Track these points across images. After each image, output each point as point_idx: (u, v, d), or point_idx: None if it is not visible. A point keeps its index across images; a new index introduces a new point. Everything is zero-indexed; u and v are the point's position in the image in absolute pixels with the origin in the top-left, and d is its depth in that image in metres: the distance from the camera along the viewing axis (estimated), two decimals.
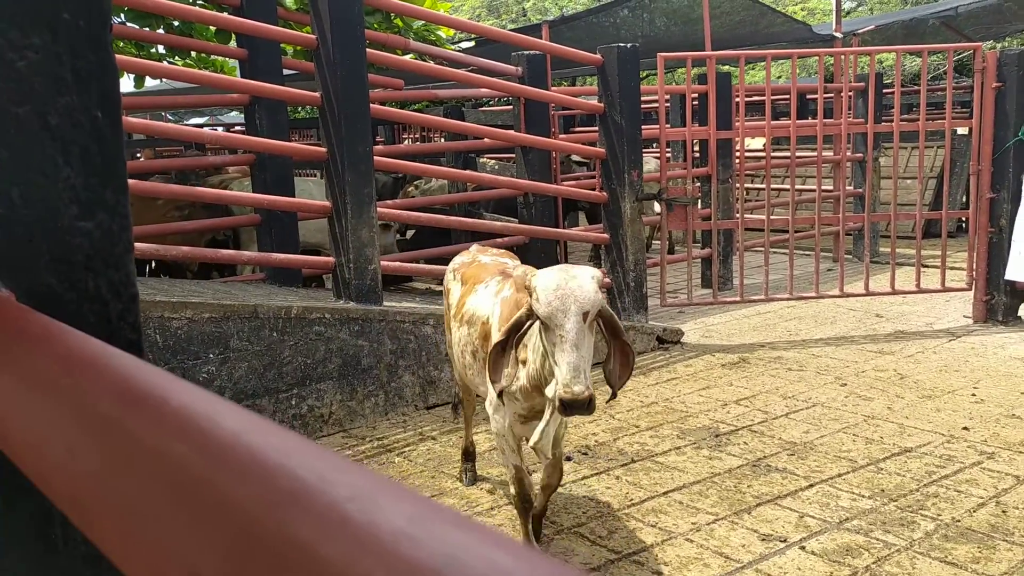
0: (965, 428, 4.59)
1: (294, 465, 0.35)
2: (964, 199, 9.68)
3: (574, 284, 2.58)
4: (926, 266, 7.11)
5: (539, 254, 7.03)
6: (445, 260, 7.52)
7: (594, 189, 7.21)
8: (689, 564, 3.33)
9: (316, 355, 4.91)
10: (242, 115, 8.85)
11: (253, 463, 0.36)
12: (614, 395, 2.84)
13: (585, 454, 4.53)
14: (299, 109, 19.98)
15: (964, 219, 8.27)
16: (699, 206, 7.45)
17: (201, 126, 18.66)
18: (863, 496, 3.84)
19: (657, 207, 7.14)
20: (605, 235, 6.57)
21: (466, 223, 7.07)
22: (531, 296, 2.63)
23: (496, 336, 2.89)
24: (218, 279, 7.16)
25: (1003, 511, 3.64)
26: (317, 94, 5.24)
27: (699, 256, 8.05)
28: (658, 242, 7.16)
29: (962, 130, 9.78)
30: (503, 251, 3.94)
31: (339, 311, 5.03)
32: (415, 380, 5.32)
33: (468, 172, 7.42)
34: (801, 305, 7.43)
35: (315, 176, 9.01)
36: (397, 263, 6.60)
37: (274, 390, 4.75)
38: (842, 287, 7.05)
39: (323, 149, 5.31)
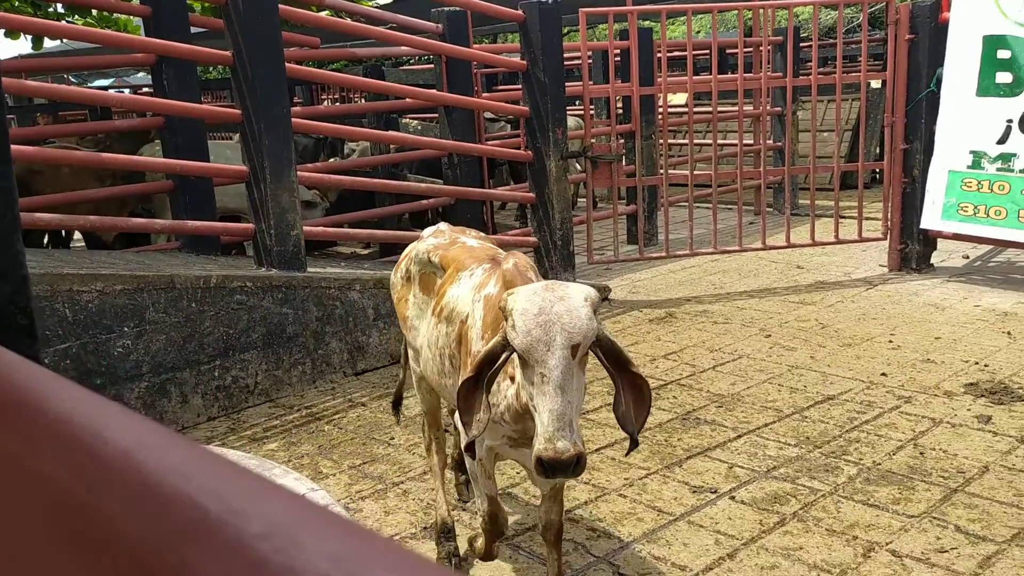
0: (883, 374, 4.73)
1: (195, 491, 0.29)
2: (879, 151, 9.92)
3: (561, 308, 2.00)
4: (844, 217, 7.27)
5: (465, 215, 6.96)
6: (370, 224, 7.42)
7: (519, 148, 7.14)
8: (623, 519, 3.36)
9: (239, 325, 4.77)
10: (149, 76, 8.47)
11: (145, 489, 0.30)
12: (635, 444, 2.19)
13: None
14: (210, 69, 19.28)
15: (879, 170, 8.47)
16: (623, 162, 7.45)
17: (106, 88, 17.84)
18: (789, 444, 3.93)
19: (581, 164, 7.12)
20: (531, 194, 6.53)
21: (390, 185, 6.94)
22: (506, 321, 2.05)
23: (465, 368, 2.35)
24: (134, 249, 6.89)
25: (921, 453, 3.76)
26: (228, 53, 5.02)
27: (624, 212, 8.08)
28: (584, 199, 7.15)
29: (876, 83, 9.99)
30: (481, 235, 3.25)
31: (261, 279, 4.88)
32: (343, 346, 5.22)
33: (390, 133, 7.26)
34: (725, 259, 7.54)
35: (232, 139, 8.71)
36: (321, 228, 6.44)
37: (195, 362, 4.60)
38: (764, 240, 7.17)
39: (237, 111, 5.10)
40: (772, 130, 9.39)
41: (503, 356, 2.13)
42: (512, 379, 2.27)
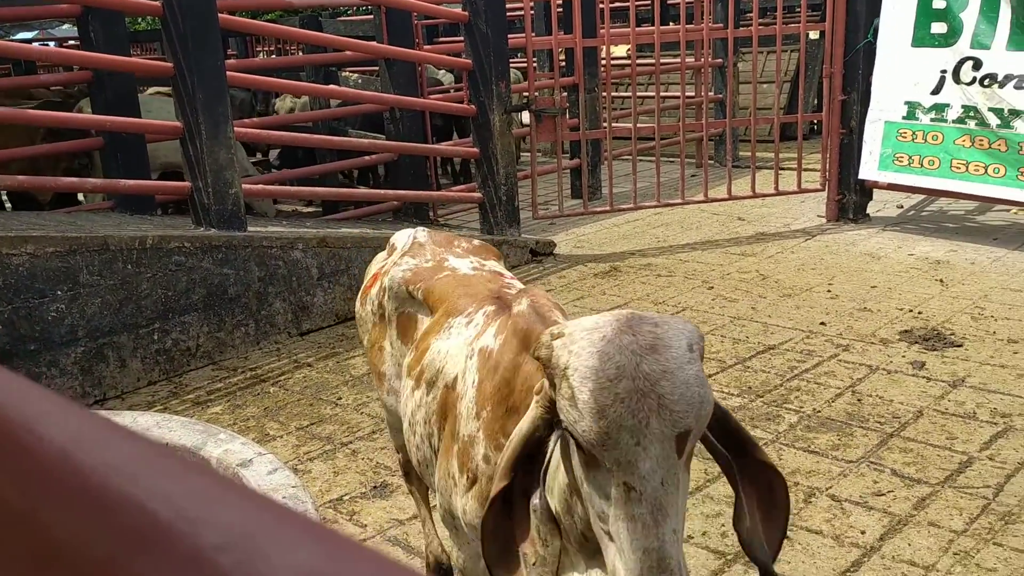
0: (822, 323, 4.84)
1: (143, 494, 0.27)
2: (817, 102, 10.04)
3: (655, 366, 1.20)
4: (783, 169, 7.36)
5: (409, 171, 6.87)
6: (312, 182, 7.29)
7: (461, 102, 7.05)
8: None
9: (178, 287, 4.66)
10: (75, 28, 8.11)
11: (86, 493, 0.28)
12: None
13: None
14: (139, 20, 18.57)
15: (818, 121, 8.58)
16: (567, 116, 7.41)
17: (30, 41, 17.08)
18: (732, 395, 4.00)
19: (526, 118, 7.07)
20: (475, 149, 6.46)
21: (330, 141, 6.80)
22: (555, 384, 1.27)
23: (493, 477, 1.47)
24: (64, 210, 6.65)
25: (858, 400, 3.87)
26: (158, 3, 4.83)
27: (568, 167, 8.07)
28: (527, 154, 7.11)
29: (815, 34, 10.07)
30: (480, 243, 2.44)
31: (200, 239, 4.77)
32: (287, 307, 5.14)
33: (330, 87, 7.09)
34: (668, 212, 7.59)
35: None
36: (261, 186, 6.30)
37: (133, 326, 4.49)
38: (706, 192, 7.23)
39: (169, 64, 4.92)
40: (713, 82, 9.42)
41: (551, 444, 1.34)
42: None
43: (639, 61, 8.21)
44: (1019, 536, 2.80)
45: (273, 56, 11.49)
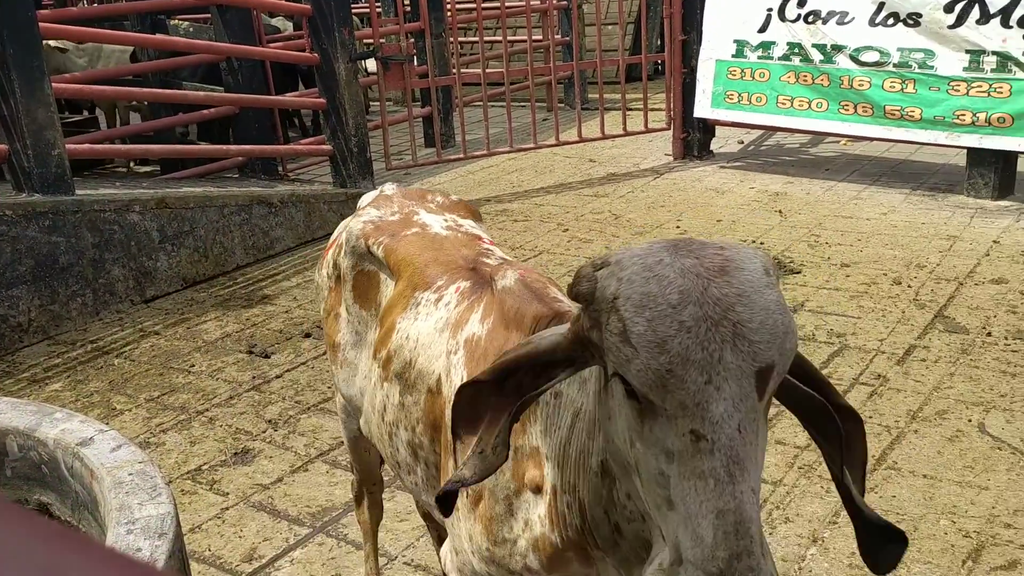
0: None
1: None
2: (660, 42, 10.25)
3: (728, 290, 0.98)
4: (631, 110, 7.50)
5: (252, 125, 6.58)
6: (147, 139, 6.86)
7: (303, 51, 6.78)
8: None
9: (1, 258, 4.31)
10: None
11: None
12: (899, 536, 1.11)
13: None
14: None
15: (662, 62, 8.77)
16: (415, 63, 7.27)
17: None
18: None
19: (372, 66, 6.88)
20: (321, 99, 6.24)
21: (163, 95, 6.41)
22: (601, 321, 1.02)
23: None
24: None
25: None
26: None
27: (420, 115, 7.94)
28: (377, 103, 6.94)
29: None
30: (457, 200, 2.10)
31: (22, 205, 4.41)
32: (127, 273, 4.86)
33: (158, 37, 6.65)
34: (522, 156, 7.62)
35: None
36: (88, 146, 5.88)
37: None
38: (558, 136, 7.29)
39: None
40: (559, 25, 9.45)
41: (561, 374, 1.13)
42: (538, 490, 1.30)
43: (485, 5, 8.11)
44: None
45: (94, 5, 10.67)
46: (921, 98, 5.64)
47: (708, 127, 7.19)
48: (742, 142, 7.69)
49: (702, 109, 6.90)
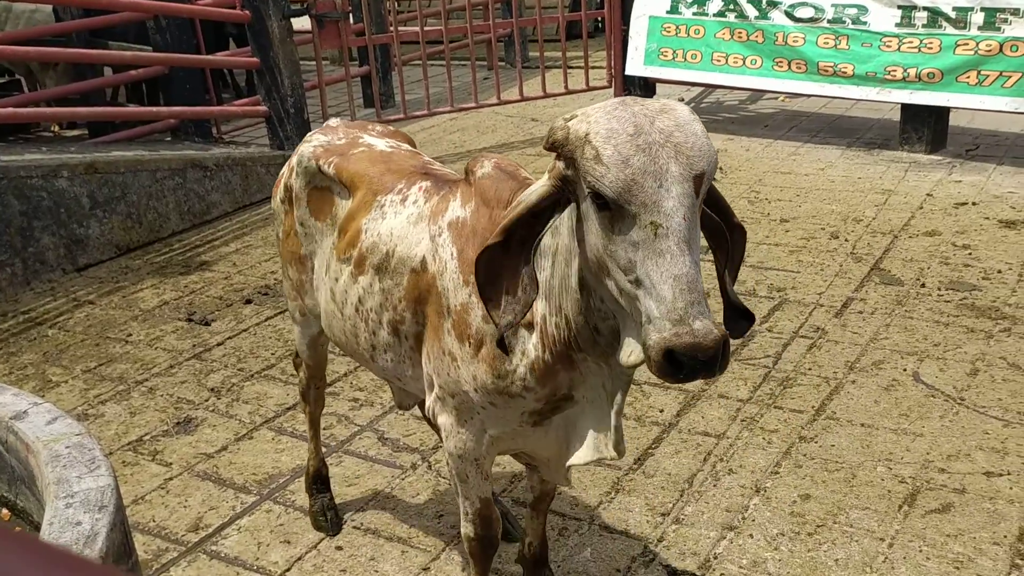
0: None
1: None
2: None
3: (667, 123, 1.34)
4: (572, 68, 7.46)
5: (183, 86, 6.37)
6: (74, 102, 6.59)
7: (233, 8, 6.56)
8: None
9: None
10: None
11: None
12: (750, 316, 1.57)
13: (265, 294, 4.35)
14: None
15: (602, 19, 8.72)
16: (351, 21, 7.10)
17: None
18: None
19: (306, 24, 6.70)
20: (254, 59, 6.07)
21: (89, 55, 6.16)
22: (576, 156, 1.36)
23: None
24: None
25: None
26: None
27: (357, 75, 7.78)
28: (313, 63, 6.77)
29: None
30: (395, 129, 2.41)
31: None
32: (57, 241, 4.70)
33: None
34: (463, 116, 7.54)
35: None
36: (11, 110, 5.64)
37: None
38: (499, 95, 7.22)
39: None
40: None
41: (551, 217, 1.46)
42: (530, 326, 1.63)
43: None
44: (796, 399, 3.08)
45: None
46: (854, 54, 5.71)
47: (649, 85, 7.18)
48: (683, 99, 7.71)
49: (635, 66, 6.87)
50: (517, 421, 1.76)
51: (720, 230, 1.52)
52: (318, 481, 2.66)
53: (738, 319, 1.55)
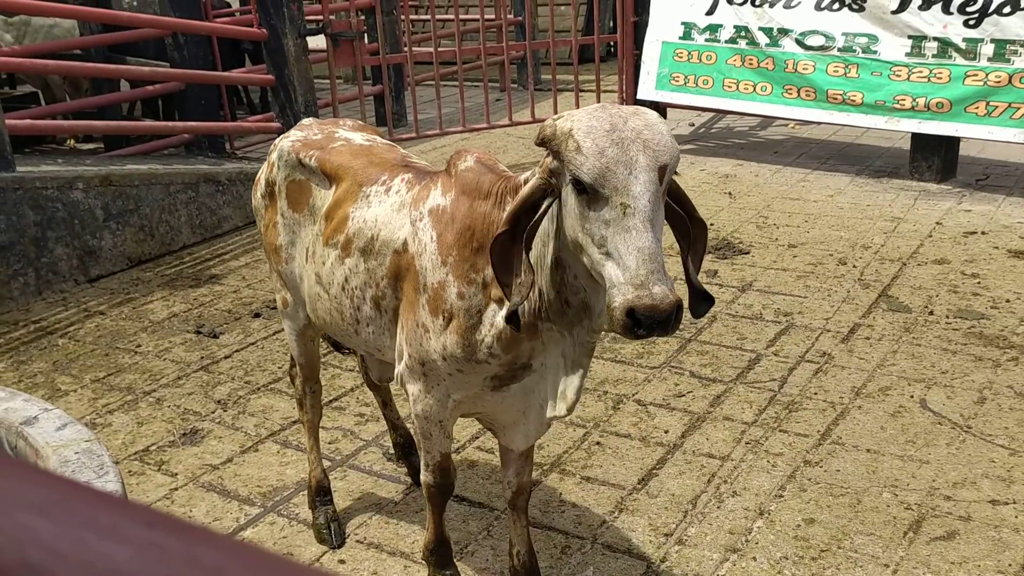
0: None
1: None
2: (613, 24, 10.27)
3: (638, 123, 1.59)
4: (584, 90, 7.51)
5: (199, 101, 6.44)
6: (90, 115, 6.67)
7: (251, 26, 6.65)
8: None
9: None
10: None
11: None
12: (710, 298, 1.80)
13: (274, 308, 4.37)
14: None
15: (614, 43, 8.78)
16: (366, 40, 7.18)
17: None
18: None
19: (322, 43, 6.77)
20: (270, 76, 6.14)
21: (107, 70, 6.24)
22: (561, 148, 1.61)
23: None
24: None
25: None
26: None
27: (371, 93, 7.85)
28: (327, 80, 6.84)
29: None
30: (361, 123, 2.60)
31: None
32: (70, 252, 4.74)
33: (101, 11, 6.46)
34: (475, 137, 7.59)
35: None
36: (29, 122, 5.71)
37: None
38: (511, 116, 7.27)
39: None
40: (512, 4, 9.40)
41: (545, 204, 1.68)
42: (499, 302, 1.82)
43: None
44: (801, 423, 3.08)
45: None
46: (863, 83, 5.74)
47: (660, 109, 7.22)
48: (693, 124, 7.76)
49: (646, 91, 6.91)
50: (479, 386, 1.98)
51: (684, 224, 1.76)
52: (320, 492, 2.68)
53: (700, 301, 1.77)
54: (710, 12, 6.44)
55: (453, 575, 2.32)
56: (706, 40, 6.50)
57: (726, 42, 6.39)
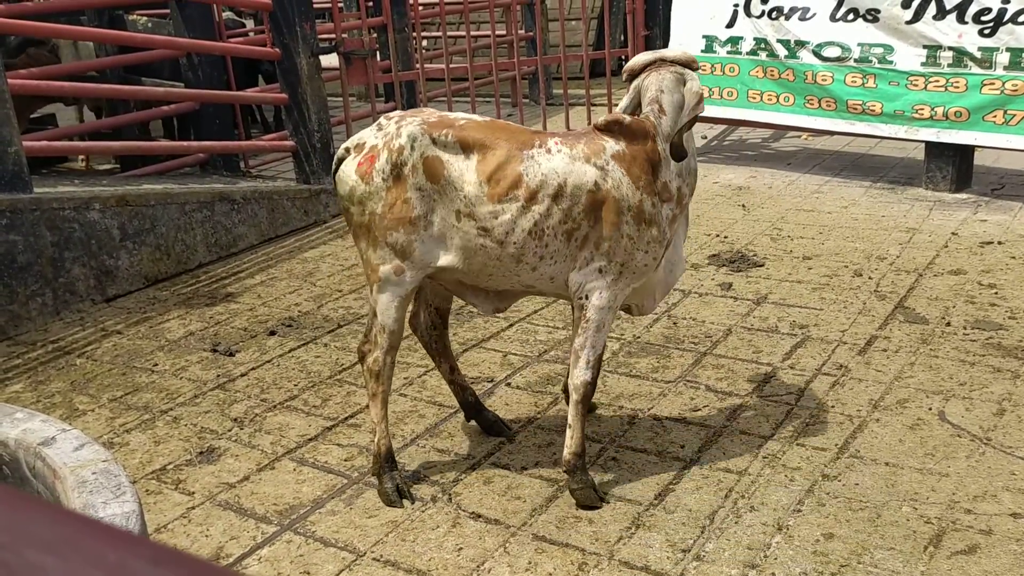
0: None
1: None
2: (623, 38, 10.30)
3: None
4: (595, 105, 7.53)
5: (213, 121, 6.50)
6: (105, 136, 6.74)
7: (265, 46, 6.71)
8: (406, 417, 3.40)
9: None
10: None
11: None
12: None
13: (289, 326, 4.39)
14: None
15: (625, 57, 8.80)
16: (378, 58, 7.23)
17: None
18: (557, 328, 4.11)
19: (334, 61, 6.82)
20: (283, 95, 6.19)
21: (123, 91, 6.30)
22: (692, 73, 2.74)
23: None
24: None
25: (674, 323, 4.07)
26: None
27: (384, 111, 7.89)
28: (340, 98, 6.89)
29: None
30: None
31: None
32: (88, 272, 4.78)
33: (116, 32, 6.53)
34: None
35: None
36: (45, 143, 5.77)
37: None
38: None
39: None
40: (523, 20, 9.45)
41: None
42: (667, 201, 2.63)
43: (448, 0, 8.09)
44: (819, 436, 3.06)
45: None
46: (881, 92, 5.73)
47: None
48: (706, 136, 7.76)
49: None
50: (654, 265, 2.64)
51: None
52: (388, 460, 2.88)
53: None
54: (730, 25, 6.46)
55: (592, 481, 2.76)
56: (728, 52, 6.51)
57: (747, 54, 6.40)
